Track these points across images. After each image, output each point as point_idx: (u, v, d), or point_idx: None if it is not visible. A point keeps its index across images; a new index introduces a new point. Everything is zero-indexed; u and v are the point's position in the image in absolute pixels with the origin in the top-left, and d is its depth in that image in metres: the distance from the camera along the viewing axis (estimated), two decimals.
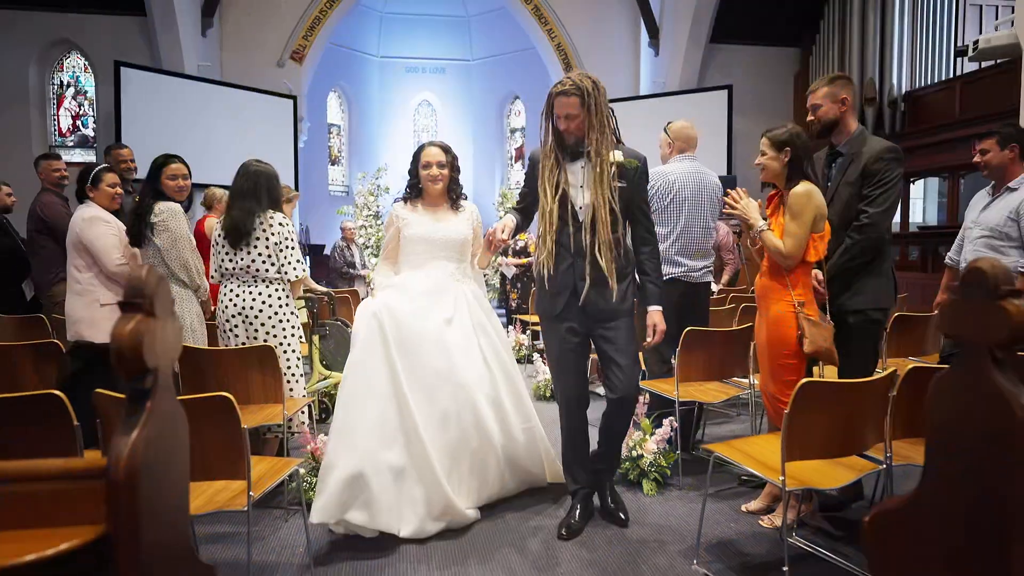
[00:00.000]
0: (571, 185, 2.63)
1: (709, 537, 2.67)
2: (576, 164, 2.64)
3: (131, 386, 1.09)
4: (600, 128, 2.56)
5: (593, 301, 2.62)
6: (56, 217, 4.48)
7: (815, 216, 2.53)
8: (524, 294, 8.03)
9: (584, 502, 2.81)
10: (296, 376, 3.22)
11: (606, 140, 2.57)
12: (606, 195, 2.55)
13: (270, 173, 3.24)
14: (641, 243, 2.75)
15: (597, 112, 2.54)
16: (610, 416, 2.75)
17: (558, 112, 2.59)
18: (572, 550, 2.57)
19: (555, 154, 2.65)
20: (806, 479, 2.11)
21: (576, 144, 2.62)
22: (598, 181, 2.55)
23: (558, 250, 2.64)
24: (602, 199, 2.54)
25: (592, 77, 2.58)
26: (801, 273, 2.58)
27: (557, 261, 2.64)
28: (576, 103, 2.52)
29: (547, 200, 2.61)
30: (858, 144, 2.79)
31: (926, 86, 9.28)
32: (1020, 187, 3.23)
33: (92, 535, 0.99)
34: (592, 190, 2.57)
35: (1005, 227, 3.20)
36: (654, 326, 2.69)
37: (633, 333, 2.73)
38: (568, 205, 2.61)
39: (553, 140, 2.66)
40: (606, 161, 2.56)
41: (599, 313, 2.64)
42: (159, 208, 3.23)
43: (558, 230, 2.62)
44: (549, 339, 2.80)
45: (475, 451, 2.79)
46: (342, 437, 2.60)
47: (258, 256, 3.11)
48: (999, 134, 3.34)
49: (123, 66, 9.25)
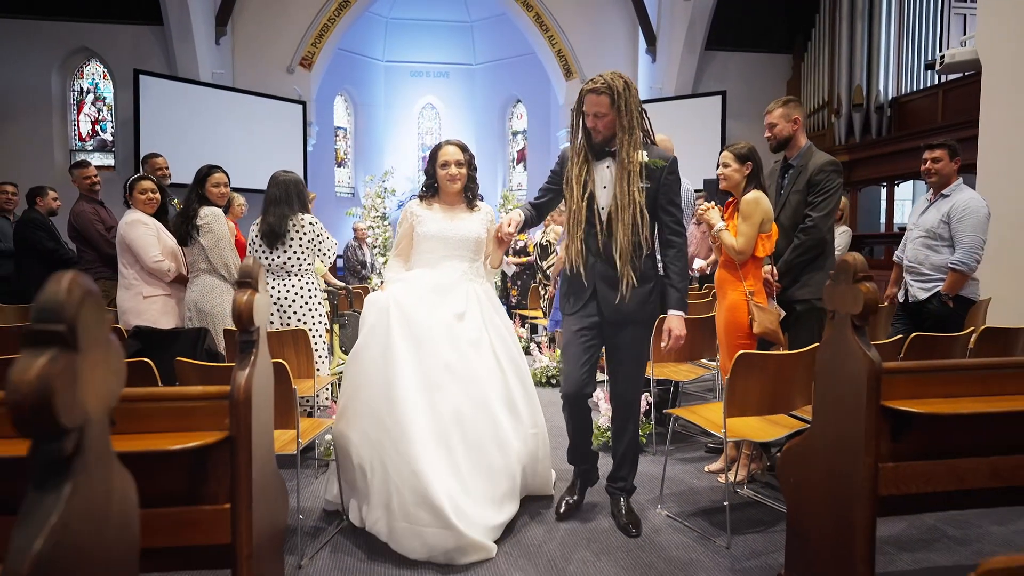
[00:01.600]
0: (596, 185, 2.60)
1: (674, 490, 3.15)
2: (602, 164, 2.61)
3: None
4: (629, 128, 2.52)
5: (611, 304, 2.60)
6: (84, 224, 4.84)
7: (763, 219, 3.01)
8: (523, 291, 8.48)
9: (584, 477, 2.88)
10: (322, 358, 3.71)
11: (634, 141, 2.53)
12: (631, 197, 2.52)
13: (297, 180, 3.73)
14: (666, 245, 2.70)
15: (627, 112, 2.51)
16: (614, 418, 2.82)
17: (587, 110, 2.55)
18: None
19: (584, 152, 2.62)
20: (744, 433, 2.59)
21: (603, 143, 2.59)
22: (624, 182, 2.52)
23: (583, 249, 2.62)
24: (625, 201, 2.52)
25: (625, 77, 2.55)
26: (752, 266, 3.06)
27: (582, 260, 2.62)
28: (606, 102, 2.50)
29: (574, 199, 2.60)
30: (806, 158, 3.26)
31: (911, 92, 9.58)
32: (952, 194, 3.70)
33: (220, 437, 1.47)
34: (615, 191, 2.54)
35: (938, 229, 3.67)
36: (670, 331, 2.65)
37: (646, 338, 2.75)
38: (594, 206, 2.60)
39: (583, 138, 2.63)
40: (634, 162, 2.53)
41: (616, 316, 2.62)
42: (203, 212, 3.71)
43: (585, 230, 2.61)
44: (566, 330, 2.76)
45: (484, 448, 2.64)
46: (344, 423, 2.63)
47: (293, 255, 3.61)
48: (949, 147, 3.79)
49: (142, 74, 9.69)
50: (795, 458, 2.02)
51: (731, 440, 2.64)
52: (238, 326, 1.52)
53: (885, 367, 1.71)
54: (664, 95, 11.60)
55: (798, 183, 3.24)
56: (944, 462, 1.75)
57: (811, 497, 1.97)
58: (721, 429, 2.48)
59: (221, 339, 3.56)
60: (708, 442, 3.76)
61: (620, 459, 2.82)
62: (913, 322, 3.78)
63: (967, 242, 3.56)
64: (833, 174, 3.16)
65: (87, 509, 0.84)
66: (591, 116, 2.55)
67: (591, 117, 2.55)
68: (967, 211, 3.58)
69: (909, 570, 2.36)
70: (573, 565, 2.42)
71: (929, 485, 1.74)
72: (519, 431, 2.75)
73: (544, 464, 2.95)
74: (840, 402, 1.79)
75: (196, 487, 1.48)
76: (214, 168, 3.81)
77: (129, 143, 10.03)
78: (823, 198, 3.14)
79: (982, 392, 1.81)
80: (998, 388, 1.78)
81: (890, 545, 2.55)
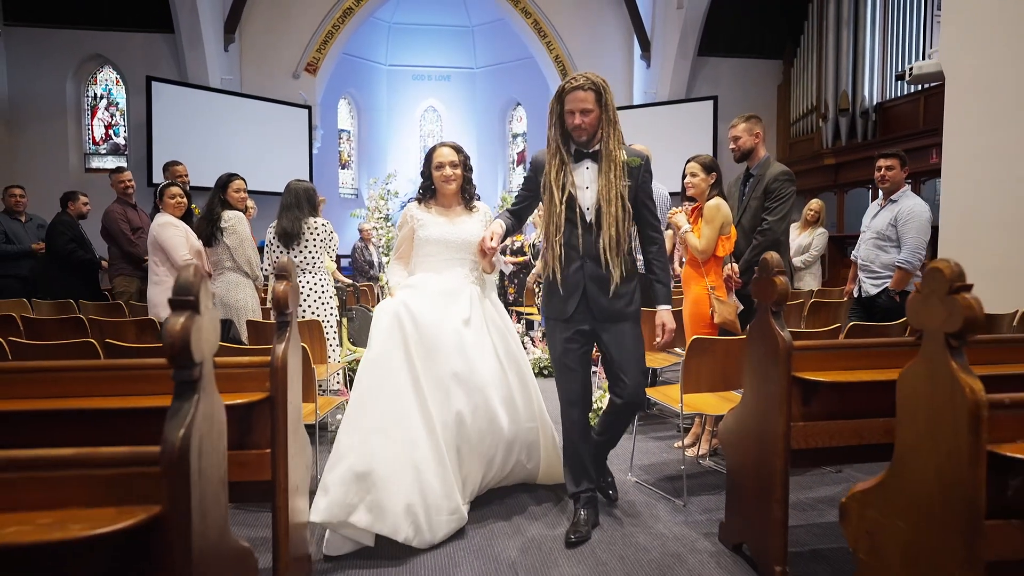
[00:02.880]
0: (577, 187, 2.58)
1: (644, 463, 3.57)
2: (580, 165, 2.60)
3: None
4: (612, 124, 2.54)
5: (602, 303, 2.59)
6: (110, 223, 5.35)
7: (723, 222, 3.41)
8: (520, 288, 8.88)
9: (588, 506, 2.73)
10: (333, 346, 4.12)
11: (617, 137, 2.55)
12: (617, 190, 2.52)
13: (307, 187, 4.15)
14: (648, 242, 2.71)
15: (610, 109, 2.54)
16: (614, 416, 2.76)
17: (572, 107, 2.52)
18: None
19: (560, 154, 2.59)
20: (699, 406, 3.01)
21: (584, 144, 2.59)
22: (611, 175, 2.53)
23: (567, 252, 2.59)
24: (612, 194, 2.52)
25: (601, 77, 2.57)
26: (713, 264, 3.46)
27: (566, 263, 2.60)
28: (592, 98, 2.50)
29: (555, 202, 2.57)
30: (764, 168, 3.66)
31: (895, 98, 9.86)
32: (899, 199, 4.10)
33: (262, 396, 1.87)
34: (601, 187, 2.54)
35: (887, 231, 4.08)
36: (663, 325, 2.68)
37: (640, 335, 2.72)
38: (576, 207, 2.57)
39: (560, 140, 2.60)
40: (617, 158, 2.54)
41: (608, 315, 2.60)
42: (227, 216, 4.13)
43: (566, 232, 2.58)
44: (554, 341, 2.71)
45: (484, 451, 2.76)
46: (356, 434, 2.54)
47: (309, 254, 4.03)
48: (899, 157, 4.21)
49: (154, 81, 10.07)
50: (732, 423, 2.44)
51: (688, 414, 3.06)
52: (276, 310, 1.93)
53: (795, 344, 2.12)
54: (658, 100, 11.91)
55: (757, 190, 3.64)
56: (845, 422, 2.16)
57: (742, 454, 2.38)
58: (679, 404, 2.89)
59: (244, 330, 3.98)
60: (679, 423, 4.16)
61: (607, 439, 2.85)
62: (867, 315, 4.18)
63: (911, 243, 3.97)
64: (786, 183, 3.56)
65: (206, 414, 1.32)
66: (577, 114, 2.51)
67: (577, 115, 2.52)
68: (912, 215, 3.99)
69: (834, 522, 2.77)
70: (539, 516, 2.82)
71: (833, 440, 2.15)
72: (516, 427, 2.86)
73: (544, 453, 3.03)
74: (762, 375, 2.20)
75: (244, 436, 1.89)
76: (234, 175, 4.24)
77: (141, 146, 10.40)
78: (777, 204, 3.55)
79: (882, 366, 2.21)
80: (888, 363, 2.18)
81: (824, 503, 2.97)
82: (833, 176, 10.78)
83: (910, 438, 1.63)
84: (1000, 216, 4.76)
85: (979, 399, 1.45)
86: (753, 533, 2.32)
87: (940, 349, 1.55)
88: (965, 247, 5.23)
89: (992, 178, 4.95)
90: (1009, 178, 4.77)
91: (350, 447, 2.50)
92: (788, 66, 11.91)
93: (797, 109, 11.54)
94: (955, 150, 5.87)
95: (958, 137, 5.85)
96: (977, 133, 5.67)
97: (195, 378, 1.31)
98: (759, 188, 3.63)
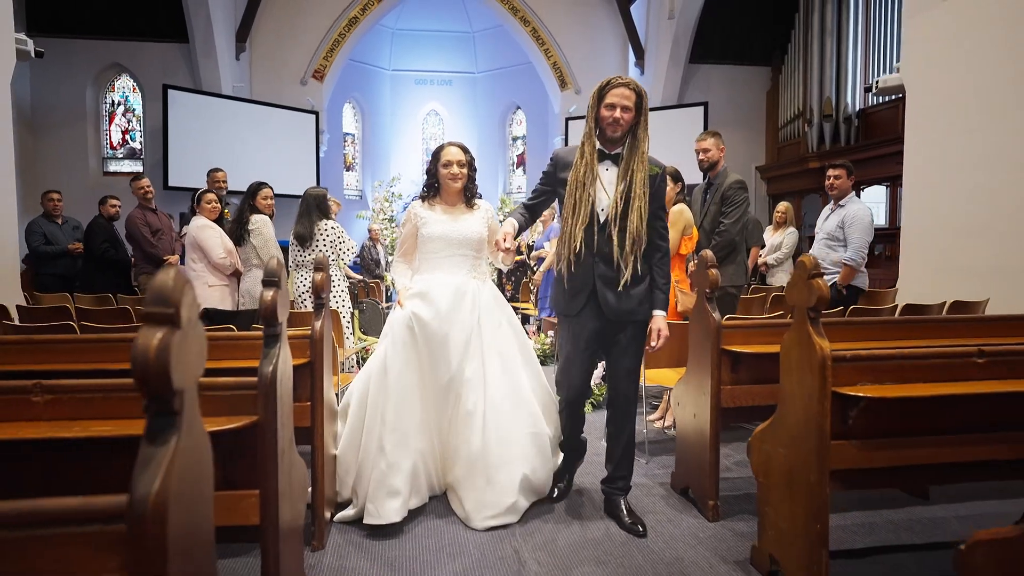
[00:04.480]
0: (598, 187, 2.63)
1: None
2: (601, 166, 2.64)
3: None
4: (645, 129, 2.60)
5: (612, 303, 2.64)
6: (130, 227, 5.89)
7: (684, 225, 3.95)
8: (516, 285, 9.43)
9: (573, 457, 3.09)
10: (346, 334, 4.67)
11: (647, 141, 2.62)
12: (638, 191, 2.57)
13: (318, 194, 4.71)
14: (654, 249, 2.73)
15: (645, 114, 2.60)
16: (612, 420, 2.85)
17: (614, 101, 2.54)
18: None
19: (593, 152, 2.63)
20: (659, 380, 3.55)
21: (615, 142, 2.63)
22: (639, 175, 2.57)
23: (581, 249, 2.62)
24: (635, 193, 2.56)
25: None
26: (677, 261, 4.00)
27: (577, 260, 2.63)
28: (634, 98, 2.55)
29: (580, 200, 2.61)
30: (722, 178, 4.20)
31: (876, 105, 10.20)
32: (846, 204, 4.65)
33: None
34: (621, 190, 2.58)
35: (836, 232, 4.62)
36: (659, 331, 2.71)
37: (644, 337, 2.76)
38: (594, 206, 2.62)
39: (595, 135, 2.63)
40: (646, 163, 2.60)
41: (617, 315, 2.65)
42: (254, 219, 4.70)
43: (585, 230, 2.61)
44: (563, 336, 2.81)
45: (490, 460, 2.81)
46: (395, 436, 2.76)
47: (320, 253, 4.57)
48: (846, 167, 4.75)
49: (170, 88, 10.55)
50: (679, 388, 2.98)
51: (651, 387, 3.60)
52: (314, 294, 2.47)
53: (724, 323, 2.67)
54: (651, 105, 12.26)
55: (715, 197, 4.18)
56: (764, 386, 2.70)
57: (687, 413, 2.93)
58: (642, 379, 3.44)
59: None
60: (652, 400, 4.71)
61: (619, 460, 2.86)
62: None
63: (856, 243, 4.51)
64: (739, 191, 4.10)
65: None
66: (618, 108, 2.54)
67: (618, 109, 2.54)
68: (856, 218, 4.53)
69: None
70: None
71: (755, 400, 2.71)
72: (522, 433, 2.89)
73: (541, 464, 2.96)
74: (700, 348, 2.75)
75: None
76: (263, 184, 4.81)
77: (157, 151, 10.86)
78: (732, 209, 4.09)
79: None
80: None
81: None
82: (818, 179, 11.21)
83: (788, 387, 2.14)
84: (955, 219, 5.21)
85: (826, 354, 1.95)
86: (694, 477, 2.87)
87: (803, 319, 2.05)
88: (925, 248, 5.74)
89: (950, 185, 5.40)
90: (965, 185, 5.23)
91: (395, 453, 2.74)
92: (776, 73, 12.28)
93: (784, 114, 11.90)
94: (915, 159, 6.37)
95: (918, 147, 6.35)
96: (935, 143, 6.17)
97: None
98: (717, 195, 4.16)
